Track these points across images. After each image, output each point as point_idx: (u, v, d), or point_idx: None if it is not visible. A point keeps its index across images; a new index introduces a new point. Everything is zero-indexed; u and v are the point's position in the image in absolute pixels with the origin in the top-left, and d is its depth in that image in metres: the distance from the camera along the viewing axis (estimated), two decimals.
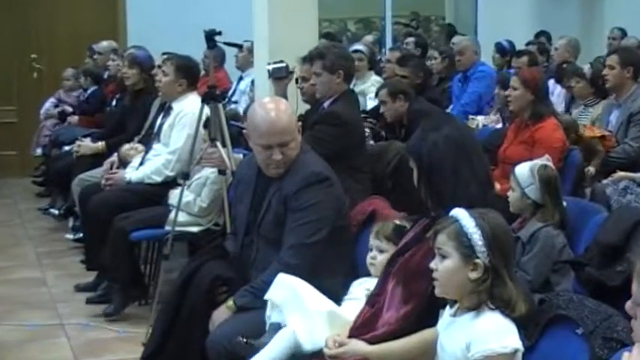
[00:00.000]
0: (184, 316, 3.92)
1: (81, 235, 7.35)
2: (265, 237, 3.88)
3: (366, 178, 5.22)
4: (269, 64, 5.67)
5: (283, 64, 5.66)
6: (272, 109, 3.89)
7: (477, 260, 2.50)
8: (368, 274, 3.57)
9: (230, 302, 3.76)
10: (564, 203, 4.17)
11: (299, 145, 3.90)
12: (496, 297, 2.49)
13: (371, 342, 2.94)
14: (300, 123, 4.04)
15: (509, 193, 4.25)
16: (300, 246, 3.72)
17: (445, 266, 2.53)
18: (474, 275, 2.50)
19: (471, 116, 7.43)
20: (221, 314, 3.77)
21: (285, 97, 5.46)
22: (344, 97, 5.38)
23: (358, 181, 5.07)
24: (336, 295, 3.50)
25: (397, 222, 3.54)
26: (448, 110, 7.76)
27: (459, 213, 2.56)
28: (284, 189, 3.82)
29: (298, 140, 3.90)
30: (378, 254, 3.51)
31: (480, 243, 2.50)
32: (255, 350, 3.27)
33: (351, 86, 5.68)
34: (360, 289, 3.44)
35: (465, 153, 3.04)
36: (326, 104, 5.40)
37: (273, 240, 3.85)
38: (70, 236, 7.60)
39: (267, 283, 3.56)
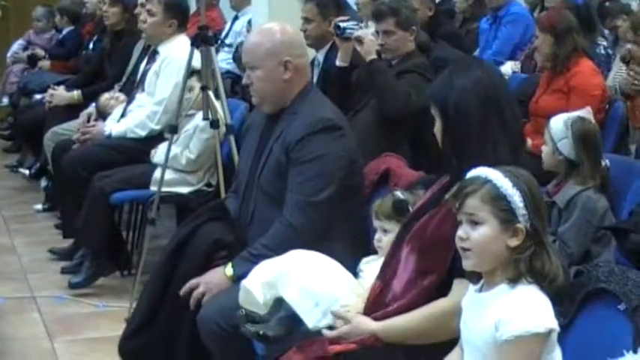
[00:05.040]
0: (176, 286, 3.91)
1: (49, 205, 7.40)
2: (264, 189, 3.87)
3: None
4: (339, 21, 5.60)
5: (355, 24, 5.60)
6: (262, 27, 3.99)
7: (519, 225, 2.49)
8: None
9: (229, 269, 3.75)
10: (606, 162, 4.15)
11: (272, 80, 3.86)
12: (536, 268, 2.49)
13: (381, 319, 2.96)
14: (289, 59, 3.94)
15: (543, 148, 4.25)
16: (305, 204, 3.71)
17: (481, 234, 2.51)
18: (514, 242, 2.50)
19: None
20: (217, 281, 3.76)
21: (349, 60, 5.43)
22: (418, 55, 5.47)
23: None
24: (345, 263, 3.50)
25: (399, 195, 3.52)
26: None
27: (489, 173, 2.54)
28: (288, 135, 3.80)
29: (272, 74, 3.86)
30: (382, 235, 3.50)
31: (521, 205, 2.49)
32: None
33: None
34: (372, 269, 3.42)
35: (497, 105, 2.99)
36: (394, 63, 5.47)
37: (272, 194, 3.84)
38: (38, 207, 7.62)
39: (269, 249, 3.60)
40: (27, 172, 8.26)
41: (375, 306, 3.02)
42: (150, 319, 3.97)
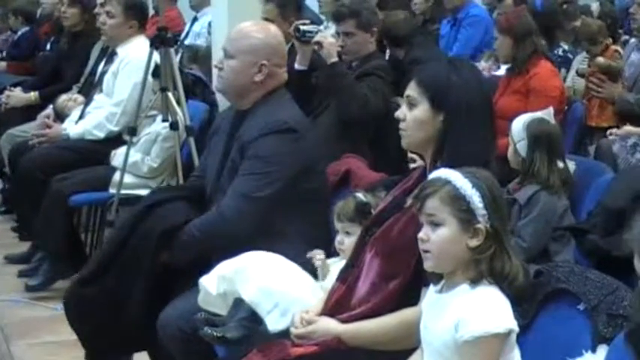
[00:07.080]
0: (135, 243, 3.90)
1: (5, 208, 7.35)
2: (224, 190, 3.88)
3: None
4: (299, 24, 5.59)
5: (315, 28, 5.58)
6: (256, 22, 4.09)
7: (478, 225, 2.51)
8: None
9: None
10: (568, 162, 4.20)
11: (242, 76, 3.88)
12: (496, 269, 2.51)
13: (346, 322, 2.96)
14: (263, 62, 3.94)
15: (509, 148, 4.29)
16: (240, 196, 3.73)
17: (440, 235, 2.52)
18: (473, 243, 2.51)
19: None
20: None
21: (308, 64, 5.43)
22: (378, 57, 5.49)
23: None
24: (304, 266, 3.50)
25: (361, 197, 3.52)
26: None
27: (450, 174, 2.55)
28: (245, 134, 3.83)
29: (245, 69, 3.88)
30: (345, 237, 3.50)
31: (481, 206, 2.51)
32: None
33: None
34: (334, 271, 3.43)
35: (491, 106, 2.99)
36: (354, 65, 5.48)
37: None
38: None
39: (197, 228, 3.76)
40: None
41: (339, 308, 3.01)
42: (102, 271, 3.96)
